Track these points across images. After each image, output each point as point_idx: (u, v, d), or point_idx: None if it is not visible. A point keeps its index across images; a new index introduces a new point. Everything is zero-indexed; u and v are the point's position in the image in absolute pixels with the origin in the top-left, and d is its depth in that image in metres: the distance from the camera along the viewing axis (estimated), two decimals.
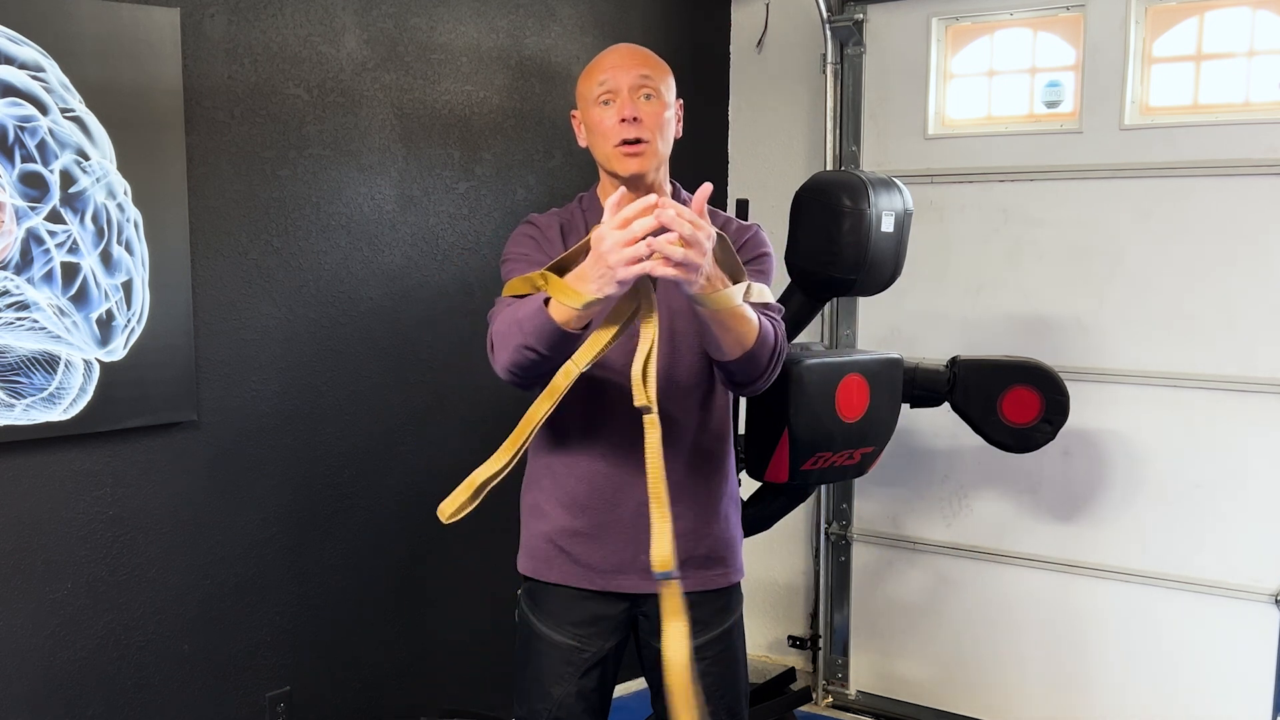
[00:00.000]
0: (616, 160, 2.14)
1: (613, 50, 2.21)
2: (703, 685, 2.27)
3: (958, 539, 3.96)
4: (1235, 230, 3.43)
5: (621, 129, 2.12)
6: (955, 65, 3.92)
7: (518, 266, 2.14)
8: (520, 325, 1.94)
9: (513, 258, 2.19)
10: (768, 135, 4.24)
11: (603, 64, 2.17)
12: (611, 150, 2.14)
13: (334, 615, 3.27)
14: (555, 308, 1.88)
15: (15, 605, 2.67)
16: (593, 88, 2.16)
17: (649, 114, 2.13)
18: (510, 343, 1.96)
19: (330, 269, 3.18)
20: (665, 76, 2.19)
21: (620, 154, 2.13)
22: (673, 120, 2.19)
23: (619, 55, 2.18)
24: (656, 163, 2.16)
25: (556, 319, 1.88)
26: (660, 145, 2.16)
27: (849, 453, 3.07)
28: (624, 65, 2.15)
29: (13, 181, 2.54)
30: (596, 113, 2.15)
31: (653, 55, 2.21)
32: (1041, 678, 3.85)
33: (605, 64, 2.17)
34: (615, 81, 2.13)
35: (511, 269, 2.15)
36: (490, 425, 3.56)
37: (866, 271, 3.00)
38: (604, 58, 2.19)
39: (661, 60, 2.21)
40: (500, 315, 2.03)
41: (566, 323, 1.88)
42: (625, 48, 2.22)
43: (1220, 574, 3.52)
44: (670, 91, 2.19)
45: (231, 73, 2.93)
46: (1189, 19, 3.51)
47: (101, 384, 2.71)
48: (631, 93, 2.13)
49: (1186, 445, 3.55)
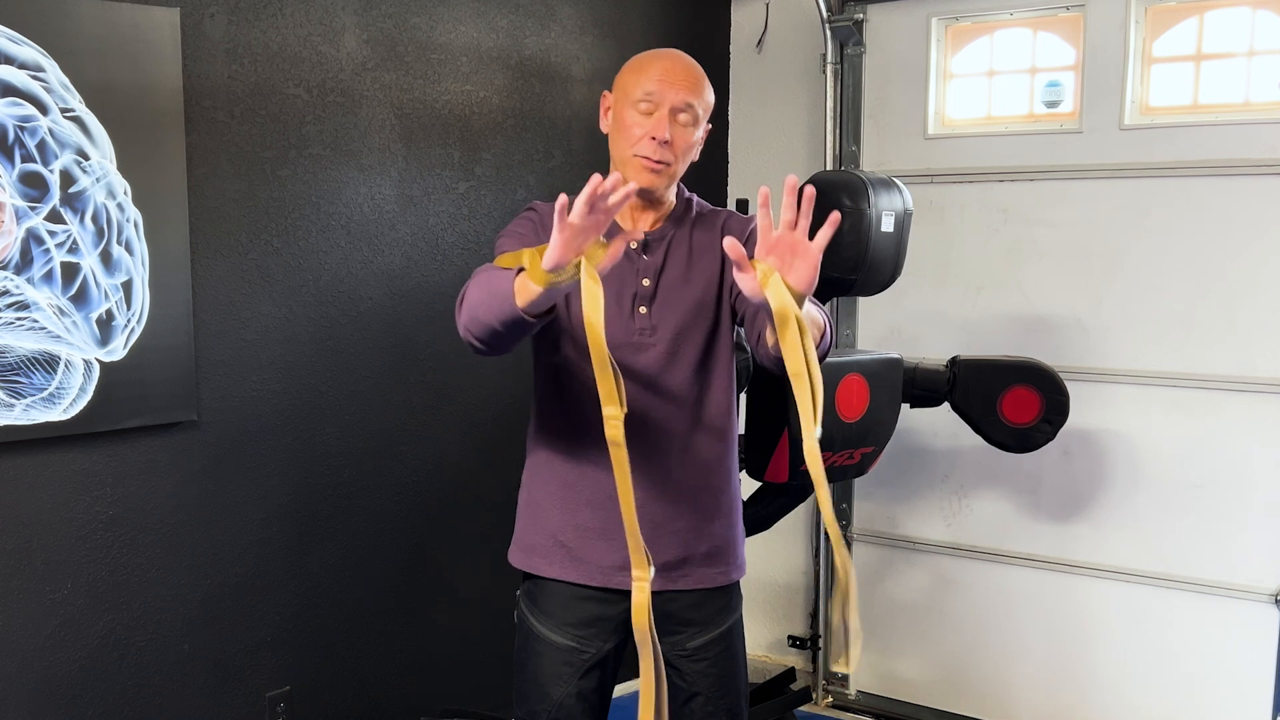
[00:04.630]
0: (634, 169, 2.14)
1: (668, 58, 2.17)
2: (702, 685, 2.28)
3: (958, 539, 3.97)
4: (1235, 230, 3.43)
5: (650, 146, 2.12)
6: (955, 65, 3.92)
7: (508, 243, 2.16)
8: (488, 291, 1.95)
9: (507, 234, 2.20)
10: (768, 135, 4.24)
11: (654, 70, 2.14)
12: (632, 157, 2.14)
13: (334, 615, 3.27)
14: (521, 286, 1.87)
15: (15, 605, 2.67)
16: (637, 91, 2.14)
17: (680, 138, 2.13)
18: (473, 300, 1.98)
19: (330, 269, 3.18)
20: (709, 106, 2.19)
21: (641, 165, 2.13)
22: (699, 145, 2.20)
23: (673, 69, 2.15)
24: (670, 182, 2.18)
25: (519, 300, 1.87)
26: (680, 168, 2.18)
27: (849, 453, 3.07)
28: (675, 84, 2.13)
29: (13, 181, 2.54)
30: (631, 115, 2.14)
31: (703, 77, 2.19)
32: (1041, 678, 3.85)
33: (656, 71, 2.14)
34: (661, 95, 2.12)
35: (503, 244, 2.17)
36: (490, 425, 3.57)
37: (866, 271, 3.00)
38: (657, 62, 2.16)
39: (708, 82, 2.20)
40: (477, 279, 2.04)
41: (527, 305, 1.86)
42: (681, 61, 2.18)
43: (1220, 574, 3.52)
44: (706, 114, 2.19)
45: (231, 73, 2.93)
46: (1189, 19, 3.51)
47: (101, 384, 2.71)
48: (672, 114, 2.12)
49: (1187, 445, 3.55)
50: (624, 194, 1.77)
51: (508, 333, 1.95)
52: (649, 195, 2.17)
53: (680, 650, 2.25)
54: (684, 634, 2.25)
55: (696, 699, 2.27)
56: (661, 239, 2.20)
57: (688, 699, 2.27)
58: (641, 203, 2.19)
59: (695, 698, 2.26)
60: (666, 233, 2.21)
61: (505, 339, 1.97)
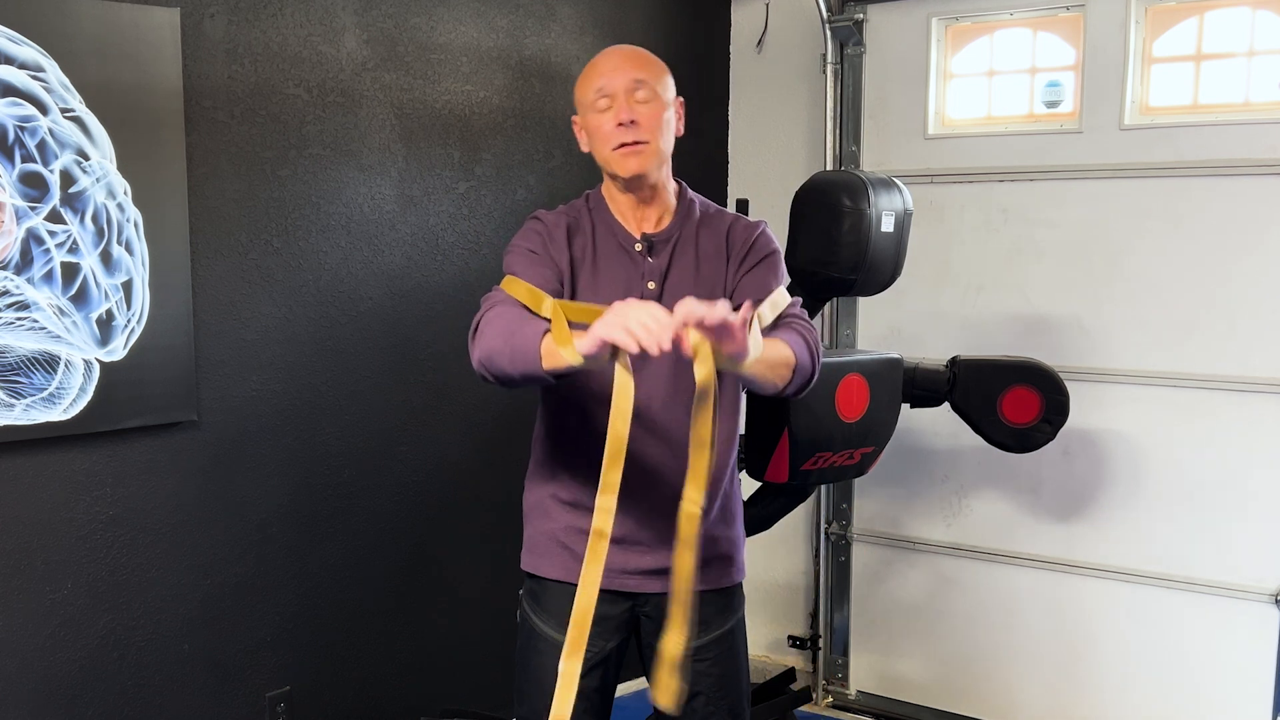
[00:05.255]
0: (616, 162, 2.14)
1: (607, 54, 2.21)
2: (704, 685, 2.27)
3: (958, 539, 3.96)
4: (1235, 230, 3.43)
5: (619, 133, 2.12)
6: (955, 65, 3.92)
7: (519, 260, 2.15)
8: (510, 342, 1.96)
9: (517, 250, 2.18)
10: (768, 135, 4.24)
11: (598, 68, 2.17)
12: (610, 153, 2.15)
13: (334, 615, 3.27)
14: (549, 352, 1.88)
15: (15, 605, 2.67)
16: (589, 93, 2.16)
17: (646, 115, 2.13)
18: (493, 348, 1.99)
19: (330, 269, 3.18)
20: (662, 76, 2.18)
21: (619, 156, 2.13)
22: (673, 119, 2.19)
23: (614, 59, 2.18)
24: (657, 162, 2.16)
25: (545, 363, 1.89)
26: (661, 144, 2.15)
27: (849, 453, 3.07)
28: (619, 68, 2.15)
29: (13, 181, 2.54)
30: (595, 118, 2.16)
31: (648, 55, 2.20)
32: (1041, 678, 3.85)
33: (600, 68, 2.17)
34: (611, 85, 2.13)
35: (513, 261, 2.16)
36: (490, 425, 3.57)
37: (866, 271, 3.00)
38: (599, 62, 2.19)
39: (657, 59, 2.20)
40: (496, 313, 2.04)
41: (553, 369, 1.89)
42: (619, 50, 2.21)
43: (1220, 574, 3.52)
44: (668, 90, 2.18)
45: (231, 73, 2.93)
46: (1189, 19, 3.51)
47: (101, 384, 2.71)
48: (628, 95, 2.13)
49: (1187, 445, 3.55)
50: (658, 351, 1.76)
51: (525, 382, 1.99)
52: (642, 182, 2.16)
53: None
54: None
55: (698, 699, 2.26)
56: (667, 241, 2.20)
57: (689, 699, 2.26)
58: (638, 199, 2.19)
59: (697, 697, 2.26)
60: (671, 234, 2.20)
61: (521, 385, 2.02)
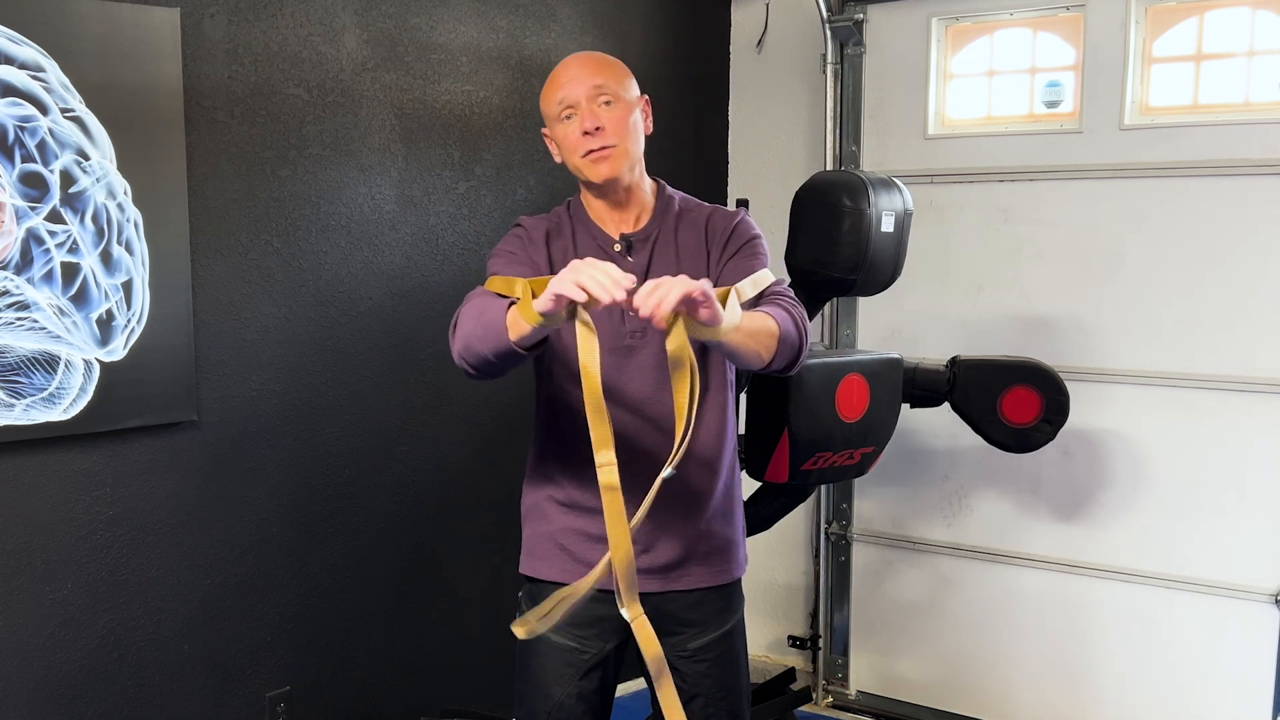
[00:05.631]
0: (587, 169, 2.16)
1: (565, 63, 2.21)
2: (704, 687, 2.27)
3: (958, 539, 3.96)
4: (1235, 230, 3.43)
5: (586, 140, 2.13)
6: (955, 65, 3.92)
7: (498, 262, 2.18)
8: (480, 320, 1.97)
9: (498, 254, 2.21)
10: (768, 135, 4.24)
11: (558, 80, 2.18)
12: (580, 161, 2.16)
13: (334, 615, 3.27)
14: (513, 321, 1.89)
15: (15, 605, 2.67)
16: (553, 105, 2.18)
17: (611, 119, 2.14)
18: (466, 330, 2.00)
19: (330, 269, 3.18)
20: (623, 78, 2.19)
21: (589, 162, 2.15)
22: (639, 120, 2.20)
23: (572, 68, 2.19)
24: (628, 164, 2.17)
25: (510, 334, 1.90)
26: (629, 146, 2.16)
27: (849, 453, 3.07)
28: (578, 77, 2.16)
29: (13, 181, 2.54)
30: (561, 128, 2.17)
31: (606, 58, 2.21)
32: (1042, 678, 3.84)
33: (560, 79, 2.18)
34: (572, 95, 2.14)
35: (494, 264, 2.18)
36: (490, 425, 3.57)
37: (866, 271, 3.00)
38: (558, 73, 2.20)
39: (616, 61, 2.21)
40: (470, 304, 2.05)
41: (519, 339, 1.89)
42: (576, 58, 2.22)
43: (1220, 574, 3.52)
44: (630, 91, 2.19)
45: (231, 73, 2.93)
46: (1189, 19, 3.51)
47: (101, 384, 2.71)
48: (590, 102, 2.14)
49: (1186, 445, 3.55)
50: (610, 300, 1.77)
51: (500, 363, 1.98)
52: (615, 185, 2.17)
53: (681, 651, 2.25)
54: (684, 635, 2.25)
55: (697, 700, 2.26)
56: (646, 239, 2.20)
57: (688, 700, 2.26)
58: (613, 202, 2.20)
59: (695, 699, 2.26)
60: (650, 232, 2.21)
61: (498, 368, 2.00)
